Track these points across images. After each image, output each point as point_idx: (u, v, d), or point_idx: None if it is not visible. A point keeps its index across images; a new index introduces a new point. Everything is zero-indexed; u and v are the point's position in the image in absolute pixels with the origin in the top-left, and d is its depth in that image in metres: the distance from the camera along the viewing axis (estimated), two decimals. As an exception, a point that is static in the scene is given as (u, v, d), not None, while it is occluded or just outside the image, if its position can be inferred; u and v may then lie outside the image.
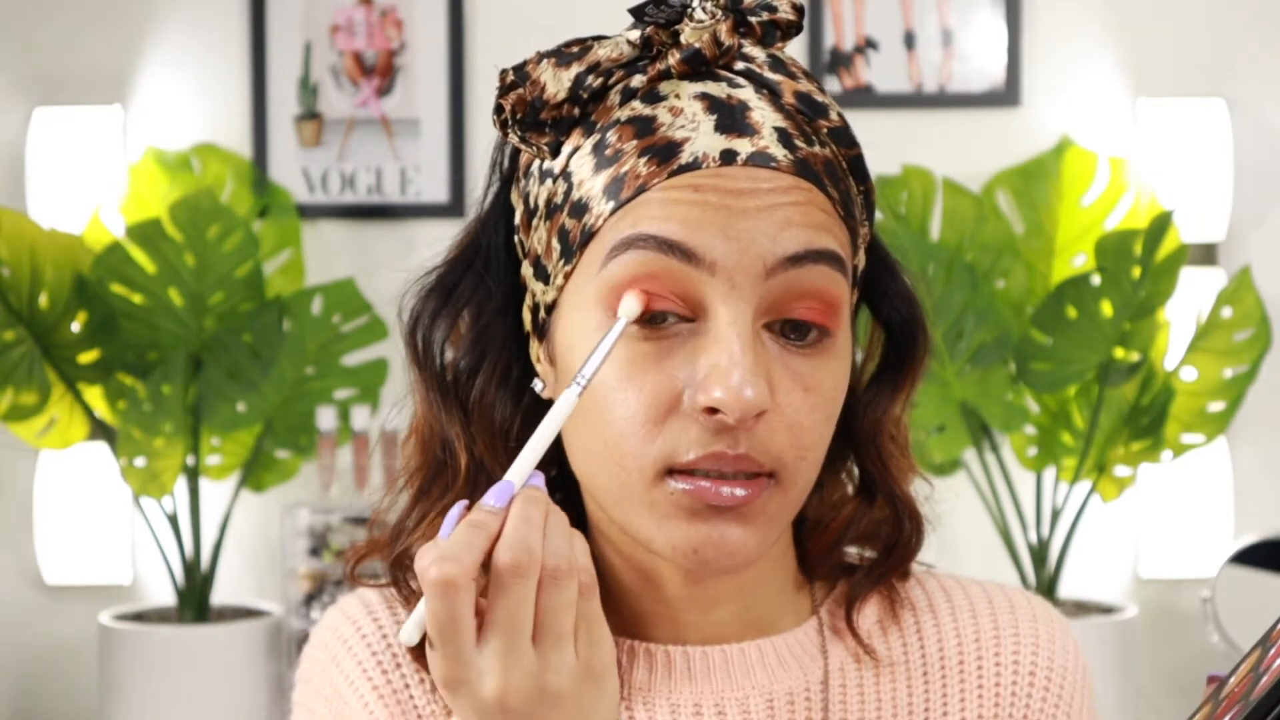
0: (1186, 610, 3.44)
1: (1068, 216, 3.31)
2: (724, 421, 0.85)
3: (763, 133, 0.87)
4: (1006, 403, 3.13)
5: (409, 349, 0.96)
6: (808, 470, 0.89)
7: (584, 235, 0.88)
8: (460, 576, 0.75)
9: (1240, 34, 3.50)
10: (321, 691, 0.99)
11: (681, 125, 0.86)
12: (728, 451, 0.85)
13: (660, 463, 0.86)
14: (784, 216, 0.86)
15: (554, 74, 0.88)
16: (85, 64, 3.50)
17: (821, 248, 0.87)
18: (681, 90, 0.88)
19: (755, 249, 0.85)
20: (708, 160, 0.86)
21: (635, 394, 0.86)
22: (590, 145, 0.88)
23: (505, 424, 0.95)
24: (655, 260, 0.85)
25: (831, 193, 0.88)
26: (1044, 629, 1.00)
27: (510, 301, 0.95)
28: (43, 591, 3.52)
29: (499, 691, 0.77)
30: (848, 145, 0.90)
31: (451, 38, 3.52)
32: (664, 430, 0.86)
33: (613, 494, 0.89)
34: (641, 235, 0.86)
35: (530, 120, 0.88)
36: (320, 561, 3.26)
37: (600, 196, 0.87)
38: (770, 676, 0.96)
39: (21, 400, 3.08)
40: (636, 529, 0.89)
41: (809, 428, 0.88)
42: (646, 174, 0.86)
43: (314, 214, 3.52)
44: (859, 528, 1.00)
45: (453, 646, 0.77)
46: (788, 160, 0.87)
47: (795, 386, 0.87)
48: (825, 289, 0.87)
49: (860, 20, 3.51)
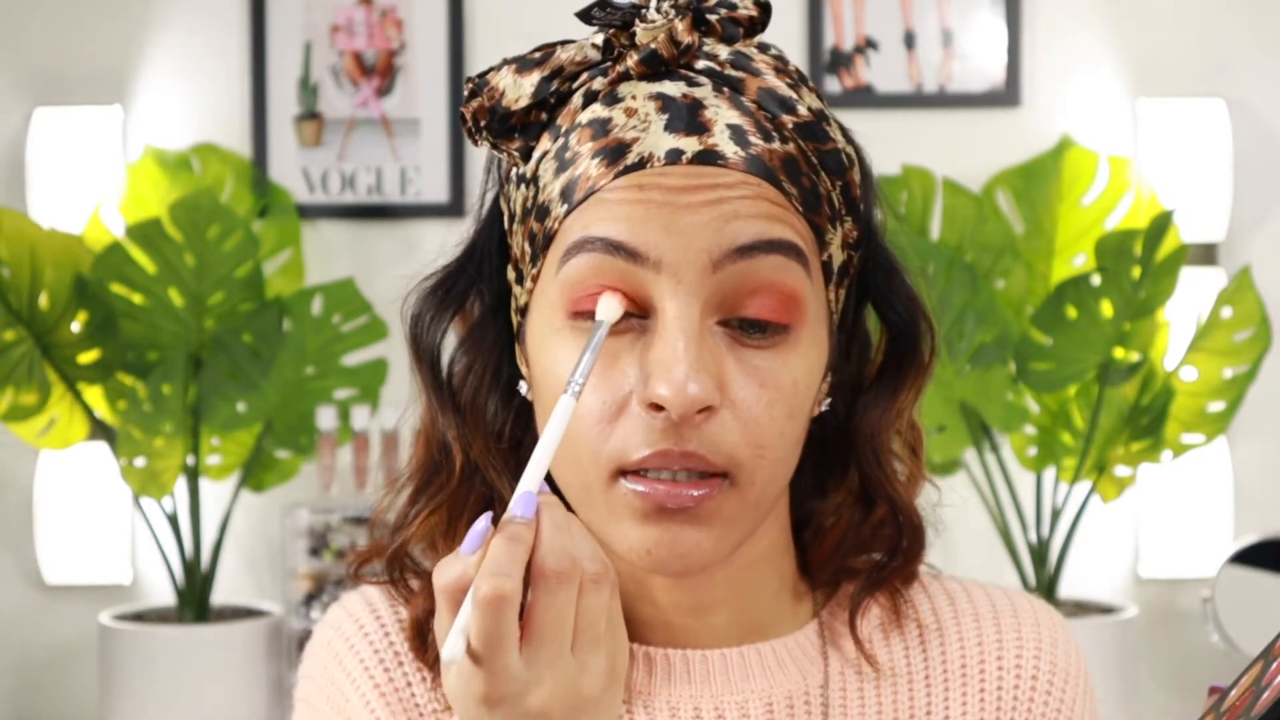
0: (1186, 610, 3.44)
1: (1068, 216, 3.31)
2: (669, 418, 0.84)
3: (714, 130, 0.86)
4: (1006, 403, 3.13)
5: (410, 350, 0.96)
6: (768, 469, 0.87)
7: (545, 238, 0.89)
8: (513, 592, 0.74)
9: (1240, 34, 3.50)
10: (324, 688, 0.99)
11: (633, 126, 0.87)
12: (674, 449, 0.85)
13: (613, 462, 0.86)
14: (731, 210, 0.85)
15: (514, 80, 0.88)
16: (85, 64, 3.50)
17: (773, 238, 0.86)
18: (638, 91, 0.88)
19: (699, 243, 0.85)
20: (653, 160, 0.86)
21: (590, 394, 0.86)
22: (555, 149, 0.89)
23: (497, 425, 0.96)
24: (604, 261, 0.86)
25: (789, 189, 0.87)
26: (1046, 632, 1.00)
27: (501, 305, 0.96)
28: (43, 591, 3.52)
29: (544, 702, 0.76)
30: (820, 140, 0.89)
31: (451, 38, 3.52)
32: (616, 429, 0.86)
33: (578, 494, 0.89)
34: (589, 238, 0.86)
35: (498, 127, 0.89)
36: (320, 561, 3.25)
37: (558, 199, 0.88)
38: (770, 680, 0.96)
39: (21, 400, 3.08)
40: (599, 529, 0.88)
41: (766, 425, 0.86)
42: (596, 175, 0.86)
43: (314, 214, 3.52)
44: (861, 533, 0.99)
45: (500, 662, 0.75)
46: (738, 157, 0.86)
47: (751, 382, 0.86)
48: (780, 281, 0.86)
49: (860, 20, 3.51)
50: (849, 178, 0.91)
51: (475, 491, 0.96)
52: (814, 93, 0.91)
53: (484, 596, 0.74)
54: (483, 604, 0.74)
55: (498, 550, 0.76)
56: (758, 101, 0.88)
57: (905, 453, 0.98)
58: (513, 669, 0.76)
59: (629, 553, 0.87)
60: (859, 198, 0.92)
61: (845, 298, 0.94)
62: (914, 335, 0.96)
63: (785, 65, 0.91)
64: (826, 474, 0.99)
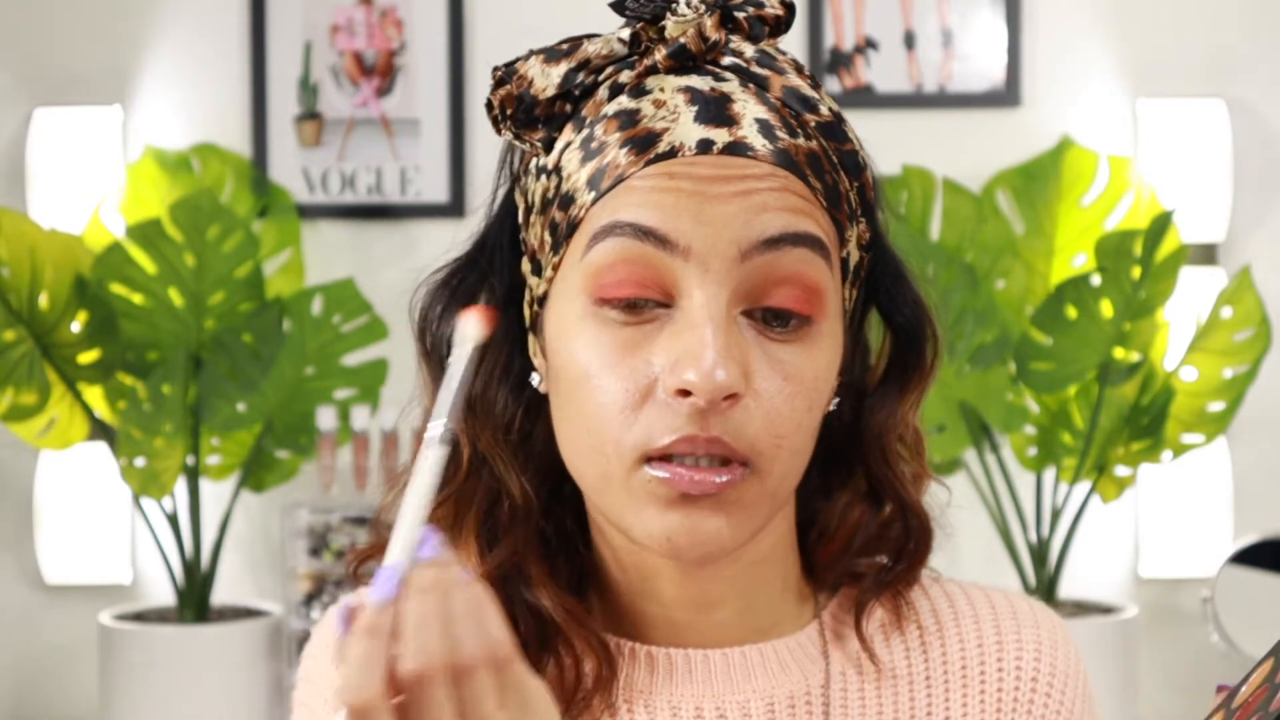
0: (1186, 610, 3.44)
1: (1068, 216, 3.31)
2: (696, 404, 0.85)
3: (743, 124, 0.87)
4: (1006, 403, 3.13)
5: (418, 343, 0.97)
6: (786, 459, 0.88)
7: (569, 226, 0.89)
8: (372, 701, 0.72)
9: (1240, 34, 3.50)
10: (322, 691, 0.99)
11: (663, 117, 0.87)
12: (699, 434, 0.85)
13: (637, 449, 0.86)
14: (760, 201, 0.86)
15: (542, 70, 0.89)
16: (85, 64, 3.50)
17: (800, 231, 0.87)
18: (666, 84, 0.88)
19: (729, 233, 0.86)
20: (684, 149, 0.86)
21: (614, 380, 0.87)
22: (580, 140, 0.89)
23: (507, 417, 0.96)
24: (632, 246, 0.86)
25: (814, 184, 0.88)
26: (1045, 634, 1.00)
27: (513, 298, 0.96)
28: (43, 591, 3.52)
29: None
30: (840, 140, 0.90)
31: (451, 38, 3.52)
32: (640, 416, 0.86)
33: (596, 483, 0.89)
34: (619, 223, 0.86)
35: (523, 117, 0.90)
36: (320, 561, 3.26)
37: (584, 188, 0.88)
38: (771, 680, 0.96)
39: (21, 400, 3.08)
40: (618, 517, 0.89)
41: (786, 416, 0.87)
42: (625, 164, 0.87)
43: (314, 214, 3.52)
44: (868, 534, 0.99)
45: None
46: (766, 150, 0.87)
47: (774, 374, 0.87)
48: (804, 273, 0.87)
49: (860, 20, 3.52)
50: (865, 179, 0.92)
51: (483, 484, 0.97)
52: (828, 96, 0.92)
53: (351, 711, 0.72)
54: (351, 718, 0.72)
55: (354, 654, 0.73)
56: (782, 99, 0.89)
57: (908, 454, 0.99)
58: None
59: (649, 539, 0.88)
60: (872, 200, 0.94)
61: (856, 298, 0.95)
62: (919, 339, 0.97)
63: (802, 68, 0.92)
64: (832, 475, 0.99)
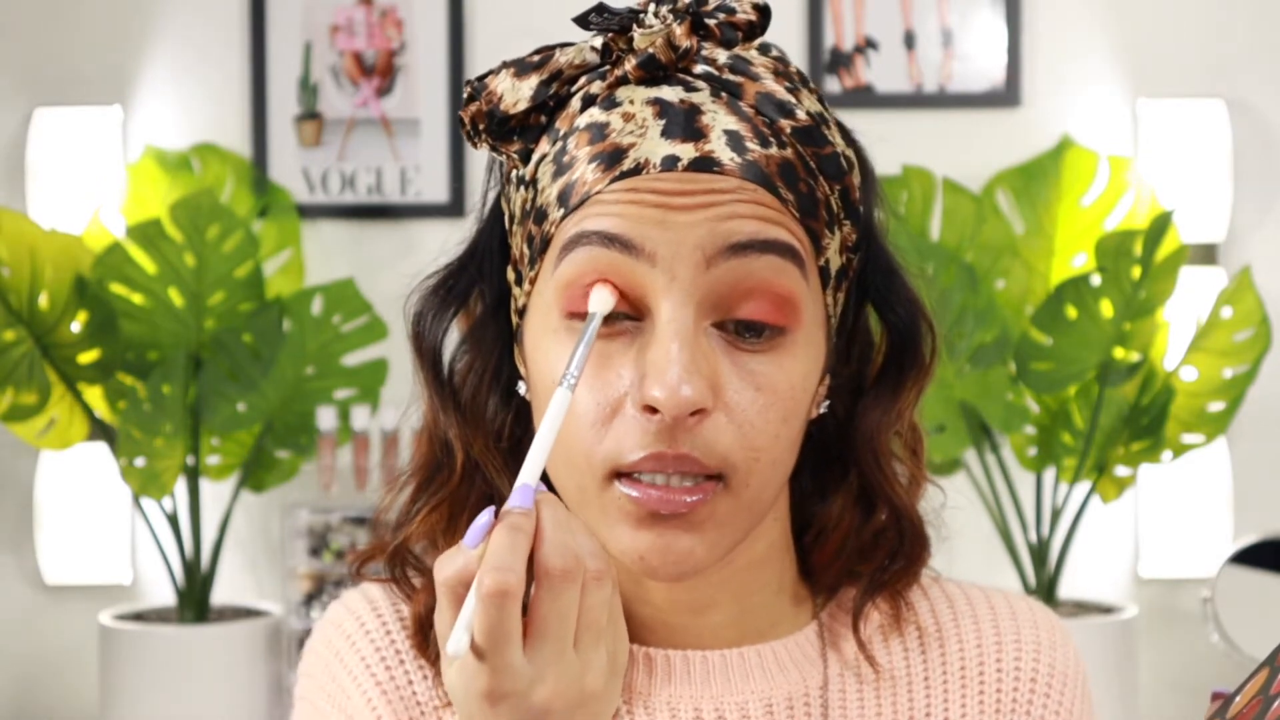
0: (1186, 610, 3.44)
1: (1068, 216, 3.31)
2: (663, 421, 0.84)
3: (710, 137, 0.86)
4: (1006, 403, 3.13)
5: (413, 348, 0.97)
6: (762, 471, 0.87)
7: (543, 241, 0.89)
8: (516, 585, 0.74)
9: (1240, 34, 3.50)
10: (324, 686, 0.99)
11: (630, 131, 0.87)
12: (668, 452, 0.85)
13: (607, 464, 0.86)
14: (727, 210, 0.86)
15: (512, 85, 0.88)
16: (85, 64, 3.50)
17: (769, 238, 0.86)
18: (636, 96, 0.88)
19: (693, 238, 0.85)
20: (649, 166, 0.86)
21: (586, 394, 0.87)
22: (553, 153, 0.89)
23: (497, 424, 0.96)
24: (600, 255, 0.86)
25: (785, 195, 0.87)
26: (1044, 634, 1.00)
27: (502, 304, 0.97)
28: (43, 591, 3.52)
29: (547, 699, 0.76)
30: (818, 144, 0.89)
31: (451, 38, 3.52)
32: (610, 431, 0.86)
33: (573, 495, 0.89)
34: (585, 232, 0.86)
35: (497, 129, 0.89)
36: (320, 561, 3.26)
37: (555, 203, 0.88)
38: (769, 681, 0.96)
39: (21, 400, 3.08)
40: (595, 531, 0.88)
41: (760, 428, 0.86)
42: (593, 180, 0.87)
43: (314, 214, 3.52)
44: (862, 537, 0.99)
45: (503, 657, 0.75)
46: (734, 164, 0.86)
47: (746, 386, 0.86)
48: (774, 281, 0.86)
49: (860, 20, 3.51)
50: (848, 181, 0.91)
51: (476, 489, 0.97)
52: (815, 95, 0.91)
53: (488, 591, 0.74)
54: (487, 598, 0.74)
55: (499, 543, 0.75)
56: (755, 106, 0.88)
57: (905, 454, 0.98)
58: (517, 665, 0.75)
59: (622, 557, 0.87)
60: (858, 201, 0.92)
61: (844, 300, 0.94)
62: (915, 336, 0.97)
63: (785, 68, 0.91)
64: (827, 476, 0.99)
